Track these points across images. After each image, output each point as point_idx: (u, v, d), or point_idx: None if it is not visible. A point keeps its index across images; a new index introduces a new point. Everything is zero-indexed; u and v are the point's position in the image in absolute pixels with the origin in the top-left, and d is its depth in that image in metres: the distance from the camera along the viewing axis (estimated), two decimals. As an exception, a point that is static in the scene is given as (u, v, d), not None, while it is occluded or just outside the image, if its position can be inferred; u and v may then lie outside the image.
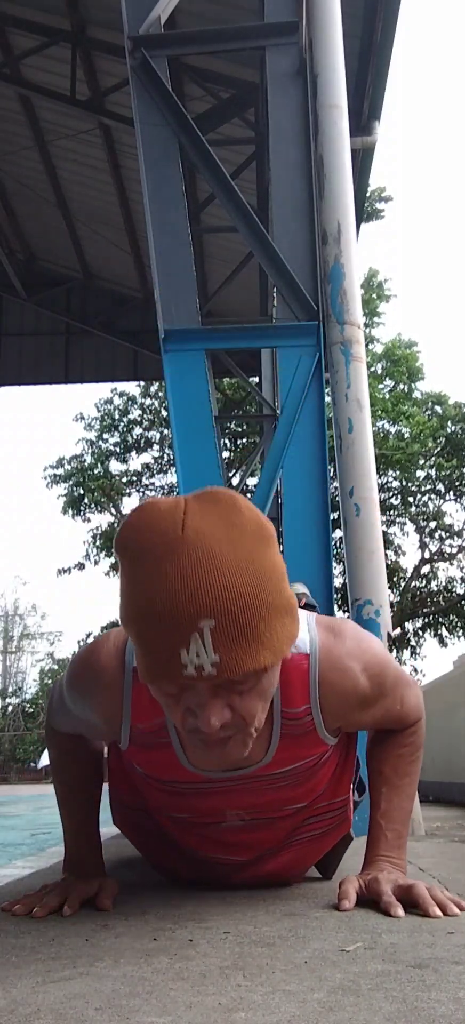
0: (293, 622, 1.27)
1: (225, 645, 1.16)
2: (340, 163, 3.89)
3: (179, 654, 1.16)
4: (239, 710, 1.24)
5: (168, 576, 1.16)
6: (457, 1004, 0.91)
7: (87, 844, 1.67)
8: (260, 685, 1.24)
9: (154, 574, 1.17)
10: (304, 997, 0.95)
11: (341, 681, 1.46)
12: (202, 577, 1.15)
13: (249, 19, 5.24)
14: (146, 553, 1.18)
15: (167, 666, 1.18)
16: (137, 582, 1.20)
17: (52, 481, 21.37)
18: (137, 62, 3.99)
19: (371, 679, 1.49)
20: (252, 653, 1.18)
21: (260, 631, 1.18)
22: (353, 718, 1.55)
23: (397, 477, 18.58)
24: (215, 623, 1.15)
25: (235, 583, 1.16)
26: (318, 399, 3.73)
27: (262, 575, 1.19)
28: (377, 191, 17.82)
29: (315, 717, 1.48)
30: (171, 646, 1.16)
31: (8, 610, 46.78)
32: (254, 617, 1.18)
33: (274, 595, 1.21)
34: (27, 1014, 0.91)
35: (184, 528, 1.18)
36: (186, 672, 1.16)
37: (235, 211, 4.01)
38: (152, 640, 1.18)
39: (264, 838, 1.65)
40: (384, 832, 1.56)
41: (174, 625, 1.15)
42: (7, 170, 10.18)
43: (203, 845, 1.67)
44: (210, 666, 1.16)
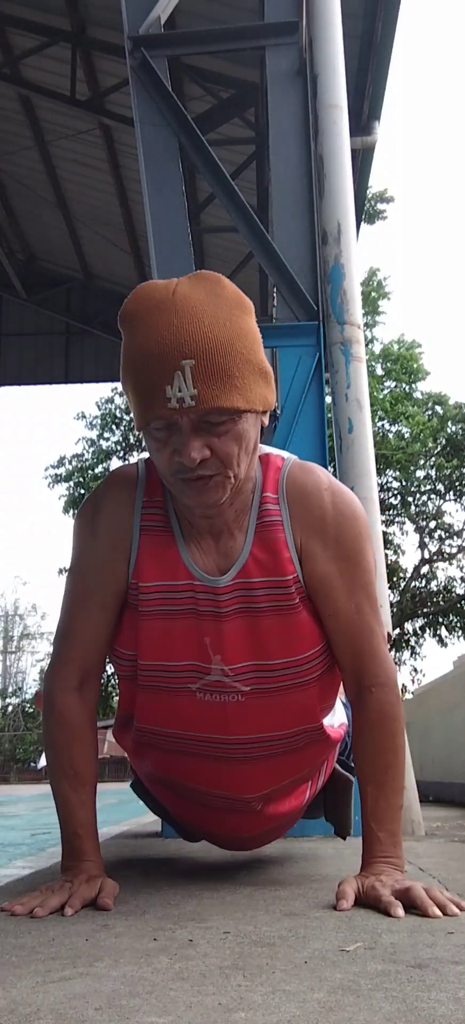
0: (267, 386, 1.49)
1: (203, 381, 1.38)
2: (340, 163, 3.89)
3: (164, 389, 1.38)
4: (217, 450, 1.43)
5: (158, 326, 1.39)
6: (457, 1004, 0.91)
7: (87, 843, 1.67)
8: (236, 429, 1.44)
9: (147, 327, 1.41)
10: (304, 997, 0.95)
11: (304, 481, 1.61)
12: (185, 325, 1.38)
13: (249, 19, 5.25)
14: (142, 314, 1.42)
15: (155, 401, 1.40)
16: (133, 337, 1.43)
17: (53, 481, 21.38)
18: (137, 62, 3.99)
19: (334, 508, 1.59)
20: (226, 392, 1.40)
21: (234, 375, 1.40)
22: (311, 544, 1.58)
23: (397, 477, 18.58)
24: (194, 362, 1.37)
25: (213, 331, 1.39)
26: (318, 399, 3.73)
27: (238, 332, 1.42)
28: (379, 193, 17.83)
29: (282, 510, 1.59)
30: (158, 382, 1.39)
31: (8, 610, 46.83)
32: (228, 362, 1.40)
33: (248, 351, 1.43)
34: (27, 1014, 0.91)
35: (174, 293, 1.41)
36: (170, 405, 1.39)
37: (235, 211, 4.01)
38: (143, 381, 1.41)
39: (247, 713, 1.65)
40: (376, 833, 1.55)
41: (160, 364, 1.38)
42: (7, 170, 10.19)
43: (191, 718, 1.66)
44: (190, 399, 1.38)
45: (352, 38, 5.14)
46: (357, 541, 1.61)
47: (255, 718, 1.66)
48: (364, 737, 1.61)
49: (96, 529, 1.65)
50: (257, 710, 1.65)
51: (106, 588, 1.64)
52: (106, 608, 1.66)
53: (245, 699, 1.64)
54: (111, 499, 1.65)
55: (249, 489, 1.59)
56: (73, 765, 1.66)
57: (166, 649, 1.64)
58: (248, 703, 1.64)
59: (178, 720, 1.69)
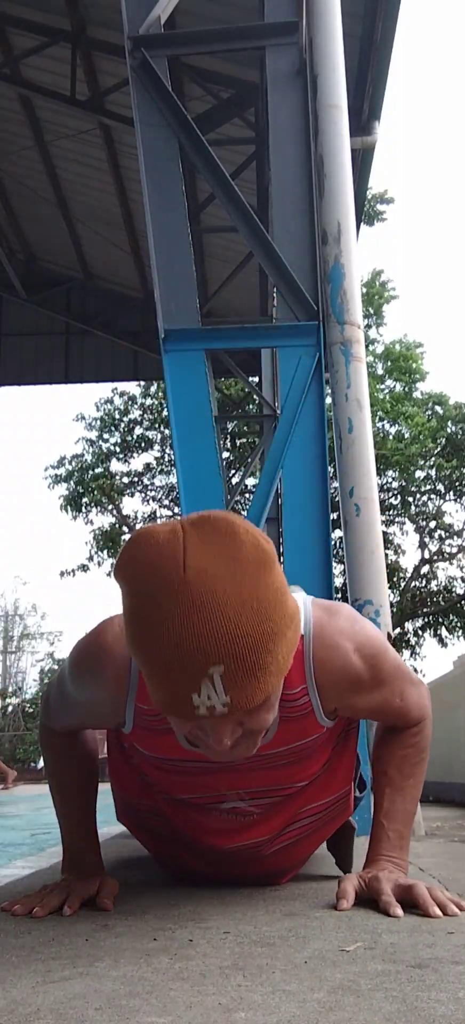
0: (295, 632, 1.30)
1: (235, 686, 1.19)
2: (340, 163, 3.89)
3: (191, 697, 1.19)
4: (249, 725, 1.27)
5: (174, 625, 1.17)
6: (457, 1004, 0.91)
7: (86, 844, 1.67)
8: (268, 701, 1.27)
9: (159, 620, 1.18)
10: (304, 997, 0.95)
11: (333, 659, 1.49)
12: (208, 624, 1.17)
13: (249, 19, 5.24)
14: (149, 595, 1.19)
15: (179, 707, 1.21)
16: (142, 625, 1.21)
17: (53, 481, 21.37)
18: (137, 62, 3.99)
19: (364, 660, 1.51)
20: (261, 685, 1.21)
21: (267, 663, 1.21)
22: (348, 701, 1.56)
23: (397, 477, 18.58)
24: (224, 668, 1.17)
25: (240, 625, 1.18)
26: (318, 399, 3.73)
27: (266, 607, 1.21)
28: (379, 194, 17.83)
29: (312, 697, 1.51)
30: (182, 691, 1.19)
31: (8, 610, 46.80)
32: (261, 653, 1.20)
33: (278, 622, 1.23)
34: (27, 1014, 0.91)
35: (186, 568, 1.18)
36: (198, 712, 1.20)
37: (235, 211, 4.01)
38: (161, 684, 1.21)
39: (265, 822, 1.65)
40: (386, 832, 1.56)
41: (183, 674, 1.18)
42: (7, 170, 10.18)
43: (204, 832, 1.67)
44: (222, 706, 1.19)
45: (352, 38, 5.14)
46: (385, 661, 1.56)
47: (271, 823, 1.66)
48: (393, 748, 1.63)
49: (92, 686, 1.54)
50: (274, 817, 1.65)
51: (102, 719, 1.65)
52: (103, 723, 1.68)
53: (260, 816, 1.65)
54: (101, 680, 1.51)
55: None
56: (71, 774, 1.70)
57: (173, 790, 1.63)
58: (264, 816, 1.65)
59: (192, 826, 1.68)
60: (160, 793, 1.67)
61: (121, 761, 1.74)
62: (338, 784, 1.73)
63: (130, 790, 1.76)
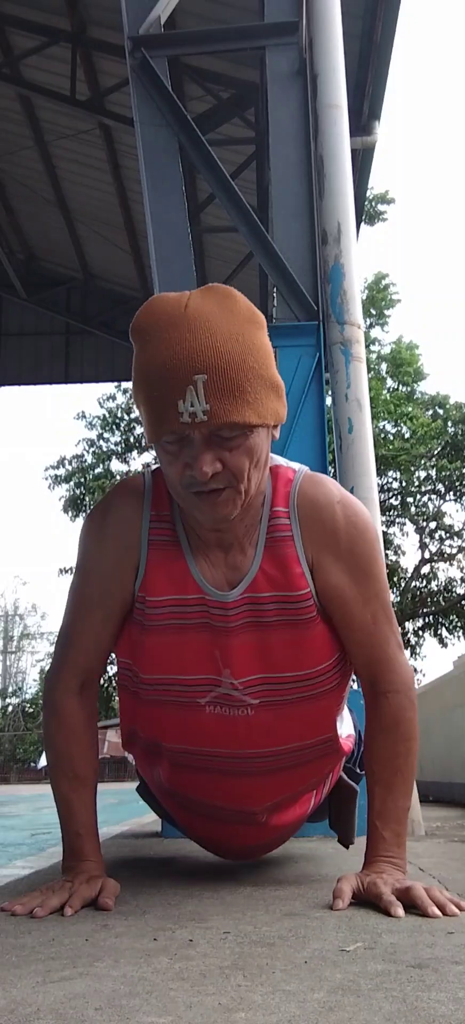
0: (278, 400, 1.48)
1: (215, 396, 1.37)
2: (340, 163, 3.89)
3: (176, 404, 1.38)
4: (229, 464, 1.42)
5: (170, 341, 1.38)
6: (457, 1004, 0.91)
7: (88, 843, 1.67)
8: (247, 443, 1.43)
9: (159, 342, 1.40)
10: (304, 997, 0.95)
11: (315, 495, 1.59)
12: (197, 340, 1.38)
13: (249, 19, 5.24)
14: (154, 328, 1.41)
15: (167, 416, 1.39)
16: (146, 351, 1.42)
17: (54, 482, 21.37)
18: (137, 62, 3.99)
19: (346, 520, 1.58)
20: (238, 407, 1.39)
21: (246, 391, 1.40)
22: (323, 558, 1.57)
23: (397, 478, 18.58)
24: (207, 377, 1.37)
25: (225, 346, 1.38)
26: (318, 399, 3.73)
27: (250, 346, 1.41)
28: (380, 195, 17.83)
29: (293, 525, 1.58)
30: (170, 397, 1.38)
31: (8, 610, 46.84)
32: (241, 377, 1.39)
33: (260, 366, 1.42)
34: (27, 1014, 0.91)
35: (186, 308, 1.40)
36: (182, 419, 1.38)
37: (235, 211, 4.01)
38: (155, 395, 1.40)
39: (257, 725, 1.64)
40: (381, 833, 1.56)
41: (173, 379, 1.37)
42: (7, 170, 10.19)
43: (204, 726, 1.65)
44: (202, 413, 1.37)
45: (352, 38, 5.13)
46: (370, 552, 1.61)
47: (265, 731, 1.65)
48: (377, 739, 1.62)
49: (104, 539, 1.64)
50: (267, 723, 1.64)
51: (111, 598, 1.64)
52: (109, 617, 1.66)
53: (255, 712, 1.63)
54: (119, 510, 1.64)
55: (259, 503, 1.58)
56: (73, 766, 1.67)
57: (176, 663, 1.63)
58: (258, 716, 1.64)
59: (186, 734, 1.68)
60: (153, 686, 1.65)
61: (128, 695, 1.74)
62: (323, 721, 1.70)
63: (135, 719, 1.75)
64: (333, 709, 1.71)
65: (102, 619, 1.66)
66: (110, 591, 1.64)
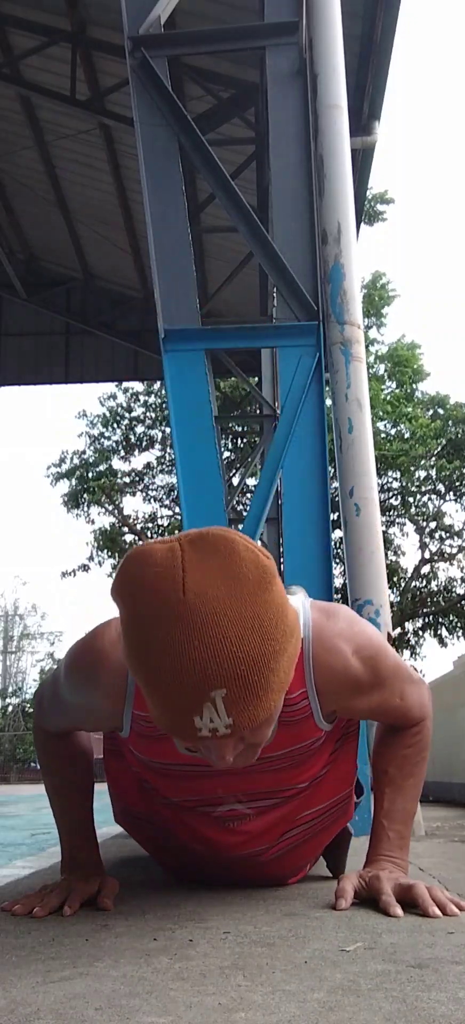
0: (296, 644, 1.29)
1: (237, 708, 1.18)
2: (340, 163, 3.89)
3: (192, 720, 1.18)
4: (250, 740, 1.27)
5: (175, 649, 1.16)
6: (457, 1004, 0.91)
7: (85, 844, 1.67)
8: (270, 716, 1.27)
9: (159, 645, 1.17)
10: (304, 997, 0.95)
11: (332, 662, 1.49)
12: (209, 648, 1.15)
13: (249, 19, 5.24)
14: (148, 619, 1.18)
15: (181, 728, 1.21)
16: (142, 649, 1.20)
17: (55, 479, 21.37)
18: (137, 62, 3.99)
19: (364, 662, 1.51)
20: (264, 704, 1.21)
21: (270, 682, 1.21)
22: (347, 703, 1.56)
23: (397, 478, 18.58)
24: (226, 691, 1.17)
25: (242, 648, 1.17)
26: (318, 399, 3.73)
27: (267, 627, 1.20)
28: (379, 194, 17.83)
29: (311, 701, 1.51)
30: (183, 714, 1.19)
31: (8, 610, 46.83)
32: (263, 673, 1.19)
33: (279, 640, 1.22)
34: (27, 1014, 0.91)
35: (185, 591, 1.16)
36: (201, 734, 1.19)
37: (235, 211, 4.01)
38: (162, 707, 1.21)
39: (264, 828, 1.64)
40: (386, 832, 1.56)
41: (184, 698, 1.17)
42: (7, 170, 10.18)
43: (202, 839, 1.65)
44: (224, 728, 1.19)
45: (352, 38, 5.13)
46: (384, 660, 1.56)
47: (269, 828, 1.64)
48: (392, 748, 1.63)
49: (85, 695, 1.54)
50: (271, 821, 1.64)
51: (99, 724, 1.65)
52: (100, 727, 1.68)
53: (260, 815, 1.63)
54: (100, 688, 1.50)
55: None
56: (66, 772, 1.70)
57: (175, 791, 1.62)
58: (262, 818, 1.63)
59: (190, 833, 1.67)
60: (157, 797, 1.66)
61: (117, 766, 1.74)
62: (337, 788, 1.72)
63: (127, 796, 1.75)
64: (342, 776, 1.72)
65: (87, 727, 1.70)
66: (97, 725, 1.65)
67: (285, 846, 1.69)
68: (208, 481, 3.70)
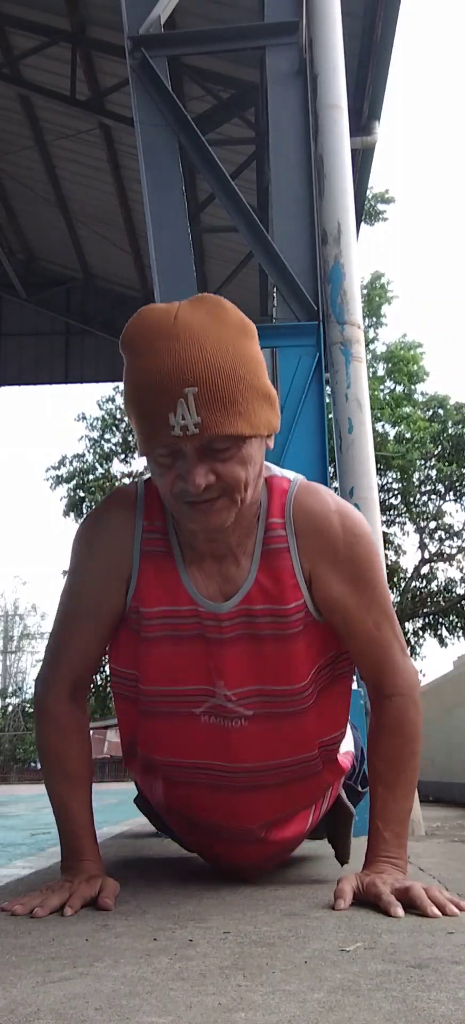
0: (271, 410, 1.47)
1: (206, 408, 1.35)
2: (340, 163, 3.89)
3: (167, 417, 1.36)
4: (222, 475, 1.41)
5: (159, 353, 1.37)
6: (457, 1004, 0.91)
7: (86, 843, 1.67)
8: (241, 454, 1.41)
9: (149, 354, 1.38)
10: (304, 997, 0.95)
11: (312, 504, 1.58)
12: (187, 352, 1.35)
13: (249, 19, 5.24)
14: (143, 340, 1.40)
15: (158, 429, 1.38)
16: (136, 364, 1.41)
17: (55, 482, 21.38)
18: (137, 62, 3.99)
19: (344, 529, 1.56)
20: (230, 418, 1.37)
21: (238, 401, 1.38)
22: (322, 570, 1.56)
23: (397, 479, 18.58)
24: (197, 390, 1.35)
25: (216, 358, 1.36)
26: (318, 399, 3.73)
27: (241, 356, 1.40)
28: (379, 194, 17.83)
29: (288, 535, 1.56)
30: (161, 410, 1.36)
31: (8, 610, 46.85)
32: (232, 388, 1.37)
33: (251, 376, 1.41)
34: (27, 1014, 0.91)
35: (176, 319, 1.38)
36: (174, 432, 1.36)
37: (235, 211, 4.01)
38: (146, 408, 1.39)
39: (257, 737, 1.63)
40: (382, 833, 1.56)
41: (163, 392, 1.36)
42: (7, 170, 10.19)
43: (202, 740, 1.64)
44: (193, 426, 1.36)
45: (352, 38, 5.13)
46: (369, 559, 1.59)
47: (259, 744, 1.64)
48: (380, 741, 1.62)
49: (95, 549, 1.63)
50: (261, 736, 1.63)
51: (101, 609, 1.64)
52: (100, 627, 1.66)
53: (249, 724, 1.63)
54: (111, 521, 1.63)
55: (253, 513, 1.56)
56: (67, 767, 1.67)
57: (171, 674, 1.62)
58: (251, 728, 1.63)
59: (181, 747, 1.67)
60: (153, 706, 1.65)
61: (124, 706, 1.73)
62: (323, 725, 1.69)
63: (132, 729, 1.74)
64: (326, 719, 1.70)
65: (92, 629, 1.66)
66: (101, 602, 1.63)
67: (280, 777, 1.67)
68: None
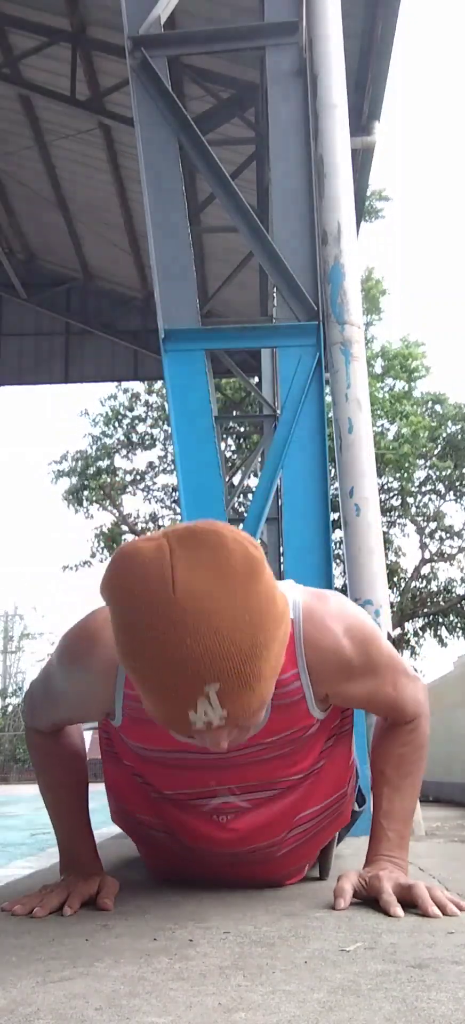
0: (286, 630, 1.30)
1: (231, 699, 1.19)
2: (340, 163, 3.88)
3: (187, 714, 1.20)
4: (244, 724, 1.27)
5: (167, 648, 1.16)
6: (457, 1004, 0.91)
7: (82, 845, 1.67)
8: (263, 703, 1.27)
9: (151, 644, 1.17)
10: (304, 997, 0.95)
11: (323, 640, 1.49)
12: (201, 645, 1.15)
13: (249, 19, 5.24)
14: (138, 618, 1.18)
15: (176, 722, 1.22)
16: (133, 647, 1.20)
17: (56, 476, 21.39)
18: (137, 62, 3.99)
19: (355, 644, 1.51)
20: (257, 693, 1.22)
21: (262, 671, 1.21)
22: (339, 686, 1.54)
23: (397, 478, 18.58)
24: (219, 685, 1.18)
25: (234, 641, 1.17)
26: (318, 399, 3.73)
27: (258, 618, 1.20)
28: (377, 192, 17.84)
29: (303, 681, 1.50)
30: (178, 709, 1.20)
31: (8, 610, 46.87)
32: (255, 664, 1.20)
33: (270, 628, 1.22)
34: (27, 1014, 0.91)
35: (175, 589, 1.15)
36: (196, 727, 1.21)
37: (235, 211, 4.01)
38: (156, 703, 1.22)
39: (260, 824, 1.62)
40: (386, 832, 1.56)
41: (178, 694, 1.18)
42: (7, 170, 10.18)
43: (197, 830, 1.64)
44: (219, 719, 1.20)
45: (352, 38, 5.13)
46: (376, 646, 1.56)
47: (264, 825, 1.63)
48: (388, 744, 1.62)
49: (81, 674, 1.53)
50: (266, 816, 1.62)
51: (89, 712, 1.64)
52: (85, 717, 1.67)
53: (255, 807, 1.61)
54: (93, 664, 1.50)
55: None
56: (59, 776, 1.69)
57: (167, 782, 1.61)
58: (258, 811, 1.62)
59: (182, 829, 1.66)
60: (151, 792, 1.65)
61: (113, 768, 1.73)
62: (331, 787, 1.71)
63: (123, 796, 1.74)
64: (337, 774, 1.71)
65: (77, 717, 1.68)
66: (89, 710, 1.63)
67: (283, 847, 1.68)
68: (208, 481, 3.70)
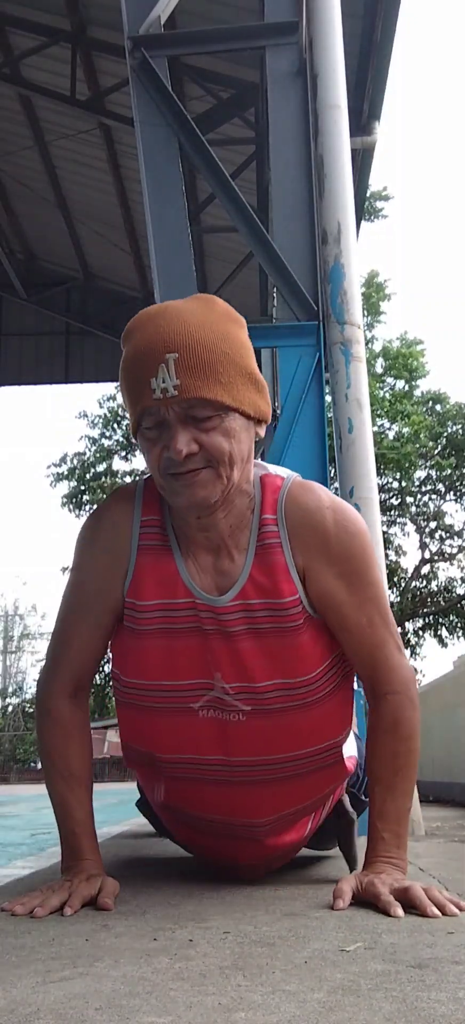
0: (258, 394, 1.52)
1: (185, 372, 1.43)
2: (340, 163, 3.88)
3: (149, 382, 1.44)
4: (205, 444, 1.45)
5: (147, 329, 1.48)
6: (457, 1004, 0.91)
7: (87, 841, 1.67)
8: (223, 426, 1.46)
9: (139, 334, 1.49)
10: (304, 997, 0.95)
11: (305, 499, 1.59)
12: (171, 325, 1.45)
13: (249, 19, 5.24)
14: (136, 325, 1.51)
15: (141, 395, 1.46)
16: (127, 348, 1.51)
17: (55, 479, 21.40)
18: (137, 62, 3.99)
19: (338, 526, 1.57)
20: (209, 384, 1.44)
21: (218, 371, 1.44)
22: (315, 564, 1.56)
23: (397, 478, 18.58)
24: (178, 355, 1.43)
25: (198, 330, 1.45)
26: (318, 399, 3.73)
27: (225, 335, 1.47)
28: (378, 192, 17.84)
29: (280, 531, 1.57)
30: (144, 377, 1.45)
31: (8, 610, 46.87)
32: (212, 358, 1.44)
33: (235, 354, 1.47)
34: (27, 1014, 0.91)
35: (167, 306, 1.51)
36: (154, 396, 1.44)
37: (235, 211, 4.01)
38: (132, 378, 1.48)
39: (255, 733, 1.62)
40: (380, 834, 1.55)
41: (146, 360, 1.45)
42: (7, 170, 10.19)
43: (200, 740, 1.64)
44: (173, 388, 1.43)
45: (352, 38, 5.13)
46: (362, 556, 1.59)
47: (258, 739, 1.63)
48: (377, 740, 1.61)
49: (94, 546, 1.66)
50: (260, 730, 1.62)
51: (102, 604, 1.65)
52: (101, 623, 1.67)
53: (247, 719, 1.62)
54: (111, 514, 1.66)
55: (246, 506, 1.58)
56: (68, 766, 1.67)
57: (168, 668, 1.62)
58: (251, 723, 1.62)
59: (180, 742, 1.67)
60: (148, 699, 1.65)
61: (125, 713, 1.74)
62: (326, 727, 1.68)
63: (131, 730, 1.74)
64: (331, 718, 1.69)
65: (94, 625, 1.67)
66: (101, 597, 1.65)
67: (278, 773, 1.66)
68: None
